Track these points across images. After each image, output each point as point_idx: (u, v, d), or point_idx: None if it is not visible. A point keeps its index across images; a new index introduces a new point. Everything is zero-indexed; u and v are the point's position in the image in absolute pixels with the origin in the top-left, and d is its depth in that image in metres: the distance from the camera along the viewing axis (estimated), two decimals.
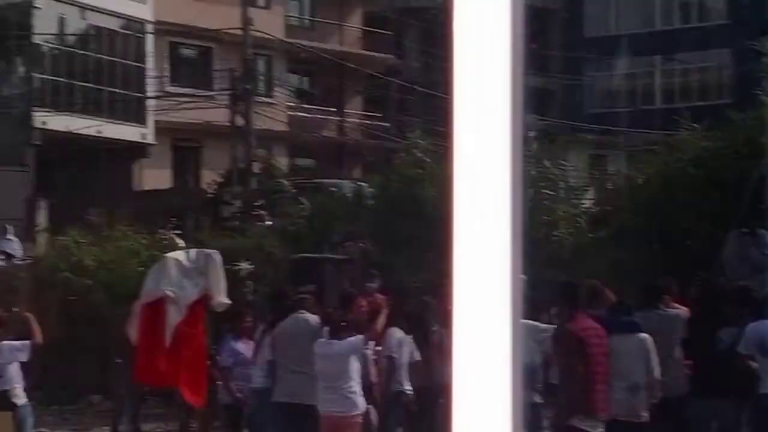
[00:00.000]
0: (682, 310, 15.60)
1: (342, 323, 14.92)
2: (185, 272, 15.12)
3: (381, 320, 15.80)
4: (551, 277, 16.39)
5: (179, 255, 16.12)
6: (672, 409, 15.17)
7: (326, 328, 15.06)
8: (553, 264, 19.52)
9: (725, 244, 18.56)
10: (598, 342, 13.94)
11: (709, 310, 15.60)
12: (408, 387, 16.26)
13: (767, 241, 18.46)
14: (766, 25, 44.10)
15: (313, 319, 15.48)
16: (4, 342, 16.61)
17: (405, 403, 16.41)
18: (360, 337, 14.90)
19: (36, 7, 41.81)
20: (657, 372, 14.55)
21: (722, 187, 21.26)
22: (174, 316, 14.76)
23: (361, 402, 14.76)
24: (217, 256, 15.72)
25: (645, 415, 14.49)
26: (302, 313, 15.67)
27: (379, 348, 16.05)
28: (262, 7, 48.43)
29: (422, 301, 18.18)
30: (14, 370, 16.38)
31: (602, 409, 14.23)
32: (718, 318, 15.39)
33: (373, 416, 15.98)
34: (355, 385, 14.67)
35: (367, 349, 15.29)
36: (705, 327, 15.27)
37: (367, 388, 15.48)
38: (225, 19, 44.44)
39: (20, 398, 16.26)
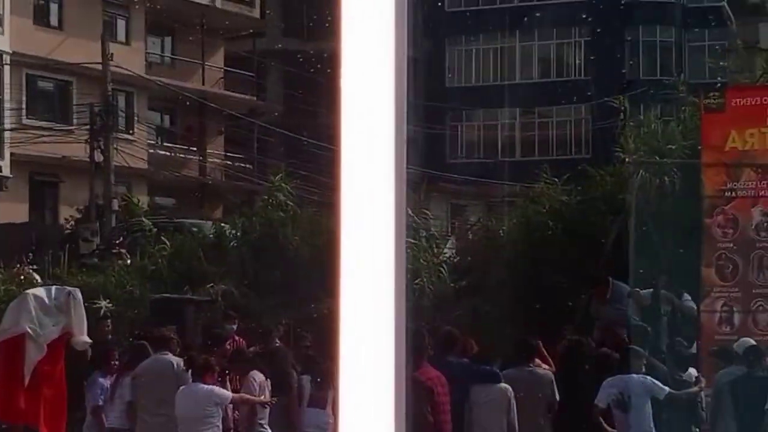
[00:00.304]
0: (550, 370, 15.77)
1: (206, 366, 14.90)
2: (46, 309, 15.01)
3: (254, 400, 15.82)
4: (412, 326, 16.49)
5: (40, 291, 15.99)
6: None
7: (189, 371, 15.05)
8: (415, 313, 19.67)
9: (587, 300, 18.81)
10: (444, 391, 14.08)
11: (574, 369, 15.80)
12: (269, 430, 16.27)
13: (623, 292, 18.71)
14: (623, 82, 45.05)
15: (177, 360, 15.47)
16: None
17: None
18: (226, 393, 14.91)
19: None
20: (515, 424, 14.73)
21: (581, 240, 21.67)
22: (34, 354, 14.65)
23: None
24: (78, 294, 15.64)
25: None
26: (165, 354, 15.65)
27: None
28: (122, 43, 48.33)
29: (281, 346, 18.29)
30: None
31: None
32: (584, 377, 15.57)
33: None
34: (217, 430, 14.70)
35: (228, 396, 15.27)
36: (571, 385, 15.48)
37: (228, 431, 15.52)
38: (85, 53, 44.34)
39: None
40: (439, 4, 51.14)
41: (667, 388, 14.57)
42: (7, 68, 45.28)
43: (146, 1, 51.94)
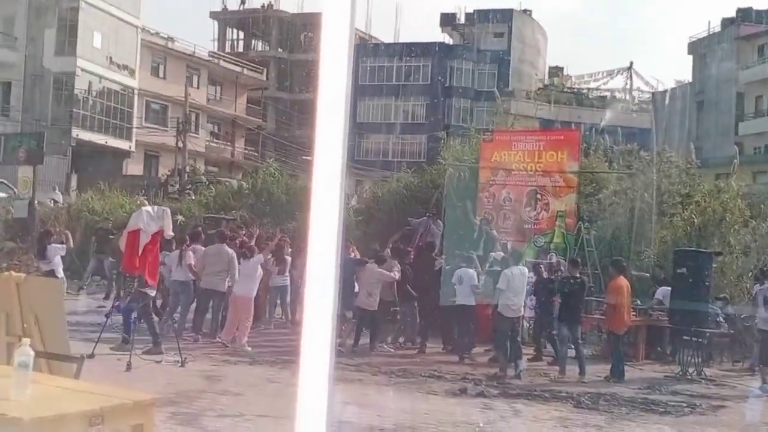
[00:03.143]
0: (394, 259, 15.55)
1: (247, 251, 14.70)
2: (151, 217, 14.69)
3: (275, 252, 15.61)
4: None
5: (148, 208, 15.68)
6: (389, 307, 15.34)
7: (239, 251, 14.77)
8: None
9: (420, 226, 18.67)
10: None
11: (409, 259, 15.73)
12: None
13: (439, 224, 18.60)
14: (444, 125, 45.12)
15: (230, 250, 15.12)
16: (53, 244, 16.21)
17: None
18: (260, 257, 14.71)
19: (77, 75, 40.49)
20: (378, 286, 14.64)
21: (419, 200, 21.72)
22: (144, 239, 14.44)
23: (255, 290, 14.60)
24: (168, 211, 15.40)
25: (375, 305, 14.73)
26: (221, 244, 15.35)
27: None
28: (194, 88, 47.59)
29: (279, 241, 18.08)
30: (57, 260, 15.98)
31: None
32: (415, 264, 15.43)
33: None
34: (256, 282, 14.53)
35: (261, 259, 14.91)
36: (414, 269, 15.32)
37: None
38: (176, 91, 43.71)
39: (60, 274, 15.86)
40: (358, 80, 50.81)
41: (478, 275, 14.47)
42: (136, 97, 44.53)
43: (208, 68, 51.21)
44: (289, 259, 16.70)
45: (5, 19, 40.81)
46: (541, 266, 15.35)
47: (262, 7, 58.47)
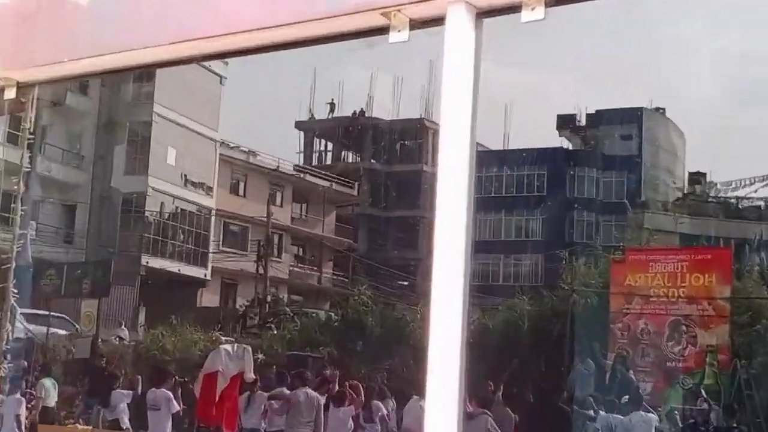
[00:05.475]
0: None
1: (340, 397, 14.72)
2: (230, 357, 15.09)
3: (361, 397, 15.64)
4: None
5: (227, 346, 16.05)
6: None
7: (326, 397, 14.77)
8: None
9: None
10: None
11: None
12: None
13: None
14: (565, 242, 44.75)
15: (314, 393, 15.14)
16: (118, 390, 16.59)
17: None
18: (352, 407, 14.71)
19: (147, 195, 42.20)
20: None
21: (537, 332, 21.48)
22: (222, 384, 14.73)
23: None
24: (249, 349, 15.72)
25: None
26: (304, 388, 15.39)
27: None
28: (278, 206, 48.90)
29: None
30: (122, 407, 16.33)
31: None
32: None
33: None
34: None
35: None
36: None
37: None
38: (257, 210, 45.00)
39: (125, 423, 16.18)
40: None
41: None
42: (213, 218, 46.00)
43: (292, 183, 52.71)
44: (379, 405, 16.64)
45: (71, 137, 42.89)
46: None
47: (353, 114, 59.67)
